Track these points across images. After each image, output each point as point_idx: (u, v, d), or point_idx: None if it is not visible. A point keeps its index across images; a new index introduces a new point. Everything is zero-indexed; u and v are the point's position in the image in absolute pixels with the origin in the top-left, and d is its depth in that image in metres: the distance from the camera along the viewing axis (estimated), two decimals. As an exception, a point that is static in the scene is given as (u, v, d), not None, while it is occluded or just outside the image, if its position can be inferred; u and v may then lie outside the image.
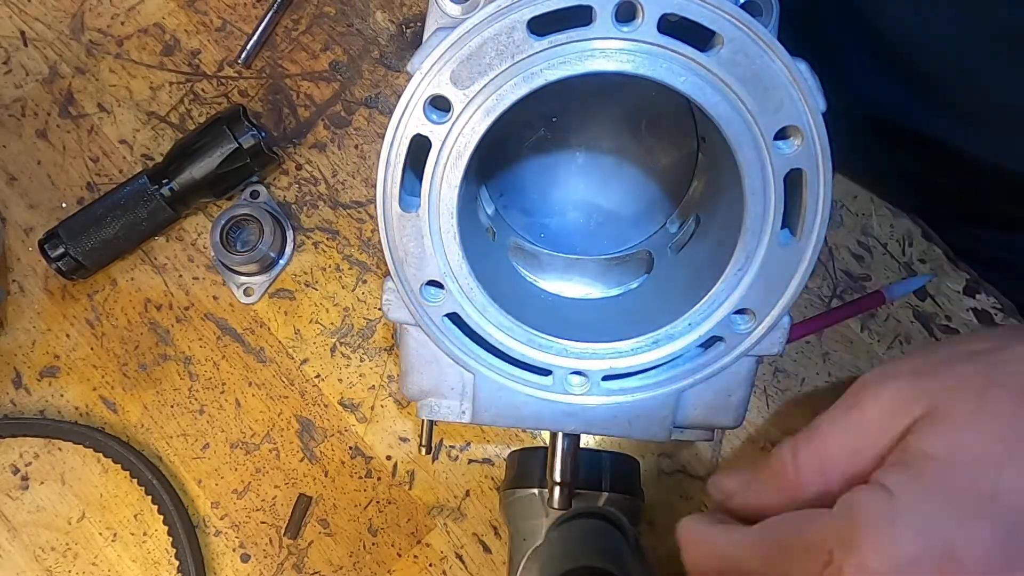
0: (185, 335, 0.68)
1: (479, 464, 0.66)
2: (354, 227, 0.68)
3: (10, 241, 0.69)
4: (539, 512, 0.54)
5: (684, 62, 0.39)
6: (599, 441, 0.64)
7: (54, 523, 0.66)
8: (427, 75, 0.40)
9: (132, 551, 0.66)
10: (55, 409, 0.67)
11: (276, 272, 0.68)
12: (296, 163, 0.69)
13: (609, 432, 0.47)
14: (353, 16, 0.70)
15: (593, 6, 0.38)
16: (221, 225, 0.66)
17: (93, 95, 0.70)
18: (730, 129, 0.40)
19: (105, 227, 0.65)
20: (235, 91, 0.70)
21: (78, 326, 0.68)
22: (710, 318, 0.43)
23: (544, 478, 0.53)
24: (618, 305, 0.53)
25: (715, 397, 0.47)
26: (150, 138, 0.70)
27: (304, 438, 0.66)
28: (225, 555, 0.66)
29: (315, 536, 0.65)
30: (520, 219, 0.56)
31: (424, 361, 0.47)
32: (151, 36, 0.71)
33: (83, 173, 0.70)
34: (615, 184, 0.55)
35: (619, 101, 0.53)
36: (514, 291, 0.52)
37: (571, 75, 0.39)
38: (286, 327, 0.68)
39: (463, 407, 0.48)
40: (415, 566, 0.65)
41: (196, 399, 0.67)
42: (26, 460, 0.67)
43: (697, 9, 0.38)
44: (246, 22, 0.71)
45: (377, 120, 0.69)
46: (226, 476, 0.66)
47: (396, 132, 0.41)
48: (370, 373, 0.67)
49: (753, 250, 0.42)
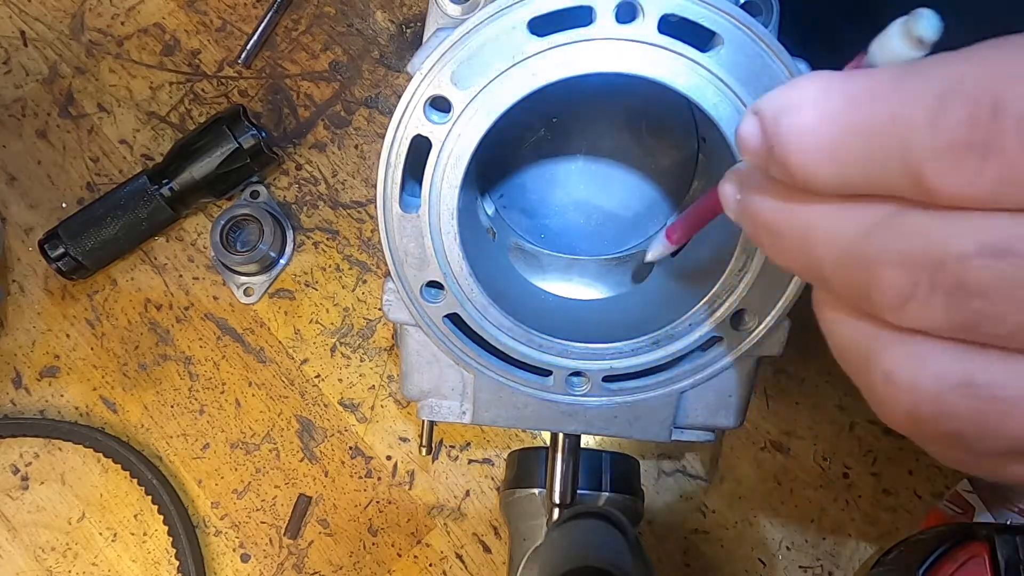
0: (185, 335, 0.68)
1: (479, 464, 0.66)
2: (354, 227, 0.68)
3: (10, 241, 0.69)
4: (539, 512, 0.54)
5: (684, 62, 0.39)
6: (599, 441, 0.64)
7: (54, 523, 0.66)
8: (427, 75, 0.40)
9: (132, 551, 0.66)
10: (55, 409, 0.67)
11: (276, 272, 0.68)
12: (296, 163, 0.69)
13: (609, 432, 0.47)
14: (353, 16, 0.70)
15: (593, 6, 0.38)
16: (221, 225, 0.66)
17: (93, 95, 0.70)
18: (730, 129, 0.40)
19: (105, 227, 0.65)
20: (235, 91, 0.70)
21: (78, 326, 0.68)
22: (710, 318, 0.43)
23: (544, 478, 0.53)
24: (618, 305, 0.53)
25: (715, 397, 0.47)
26: (150, 138, 0.70)
27: (304, 438, 0.66)
28: (225, 555, 0.66)
29: (315, 536, 0.65)
30: (520, 220, 0.56)
31: (424, 362, 0.47)
32: (151, 36, 0.71)
33: (83, 173, 0.70)
34: (615, 185, 0.55)
35: (619, 102, 0.53)
36: (514, 292, 0.52)
37: (571, 75, 0.39)
38: (286, 327, 0.68)
39: (463, 407, 0.48)
40: (415, 566, 0.65)
41: (196, 399, 0.67)
42: (26, 460, 0.67)
43: (697, 9, 0.38)
44: (246, 22, 0.71)
45: (377, 120, 0.69)
46: (226, 476, 0.66)
47: (396, 132, 0.41)
48: (370, 373, 0.67)
49: (753, 250, 0.42)
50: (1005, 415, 0.22)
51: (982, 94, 0.20)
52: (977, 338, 0.22)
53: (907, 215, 0.22)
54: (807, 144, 0.23)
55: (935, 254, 0.21)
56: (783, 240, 0.25)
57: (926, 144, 0.21)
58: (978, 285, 0.21)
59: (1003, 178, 0.20)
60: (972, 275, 0.21)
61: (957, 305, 0.21)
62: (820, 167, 0.23)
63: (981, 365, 0.22)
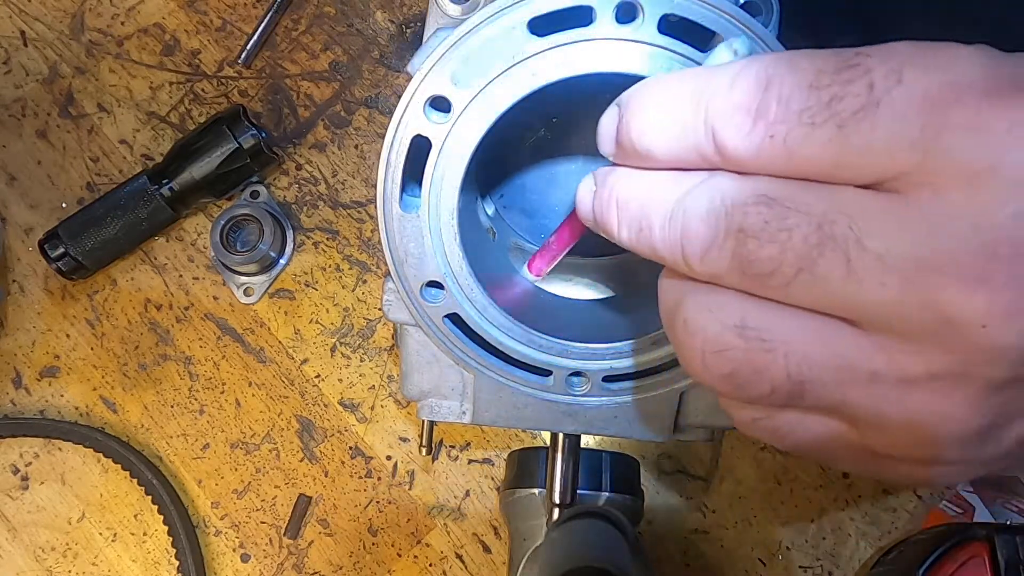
0: (185, 335, 0.68)
1: (479, 464, 0.66)
2: (354, 227, 0.68)
3: (10, 241, 0.69)
4: (539, 512, 0.54)
5: (684, 62, 0.39)
6: (599, 441, 0.64)
7: (54, 523, 0.66)
8: (427, 75, 0.40)
9: (132, 551, 0.66)
10: (55, 409, 0.67)
11: (276, 272, 0.68)
12: (296, 163, 0.69)
13: (609, 432, 0.47)
14: (353, 16, 0.70)
15: (593, 6, 0.38)
16: (221, 225, 0.66)
17: (93, 95, 0.70)
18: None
19: (105, 227, 0.65)
20: (235, 91, 0.70)
21: (78, 326, 0.68)
22: (710, 318, 0.43)
23: (544, 478, 0.53)
24: (618, 306, 0.53)
25: (715, 397, 0.47)
26: (150, 138, 0.70)
27: (304, 438, 0.66)
28: (225, 555, 0.66)
29: (315, 536, 0.65)
30: (520, 220, 0.56)
31: (424, 362, 0.47)
32: (151, 36, 0.71)
33: (83, 173, 0.70)
34: (615, 184, 0.55)
35: (619, 101, 0.53)
36: (514, 292, 0.52)
37: (571, 75, 0.39)
38: (286, 327, 0.68)
39: (463, 407, 0.48)
40: (415, 566, 0.65)
41: (196, 399, 0.67)
42: (26, 460, 0.67)
43: (697, 9, 0.38)
44: (246, 22, 0.71)
45: (377, 120, 0.69)
46: (226, 476, 0.66)
47: (396, 132, 0.41)
48: (370, 373, 0.67)
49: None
50: (768, 357, 0.28)
51: (761, 74, 0.27)
52: (755, 288, 0.28)
53: (714, 177, 0.29)
54: (646, 115, 0.30)
55: (727, 205, 0.28)
56: (628, 210, 0.31)
57: (720, 108, 0.28)
58: (752, 227, 0.27)
59: (766, 135, 0.27)
60: (749, 220, 0.27)
61: (739, 247, 0.27)
62: (655, 133, 0.30)
63: (754, 311, 0.28)
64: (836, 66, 0.26)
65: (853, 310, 0.27)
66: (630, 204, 0.31)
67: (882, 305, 0.26)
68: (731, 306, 0.28)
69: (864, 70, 0.26)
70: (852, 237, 0.25)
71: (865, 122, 0.25)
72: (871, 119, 0.25)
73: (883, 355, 0.27)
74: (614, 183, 0.32)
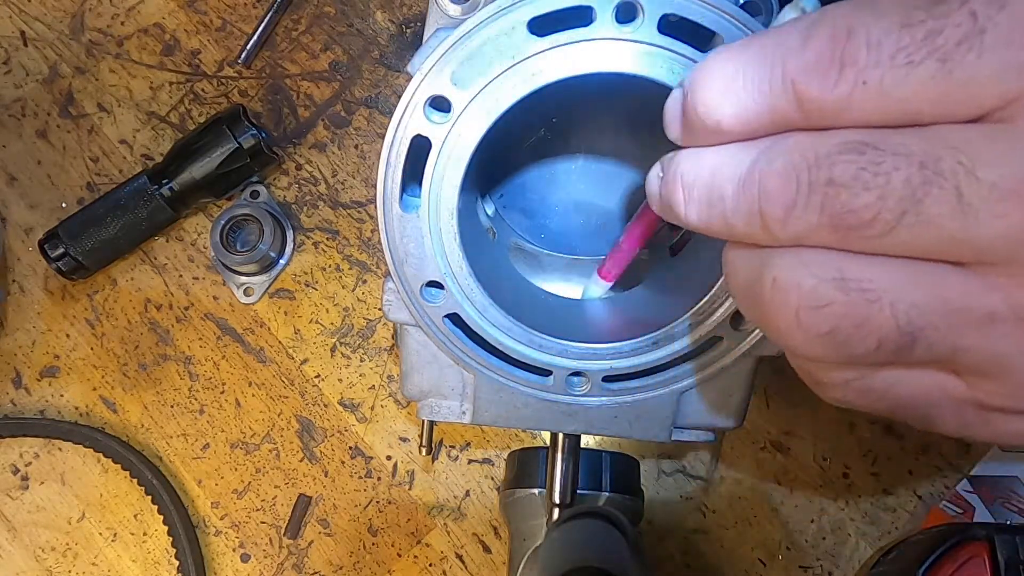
0: (185, 335, 0.68)
1: (479, 464, 0.66)
2: (354, 227, 0.68)
3: (10, 241, 0.69)
4: (539, 512, 0.54)
5: (684, 62, 0.39)
6: (599, 441, 0.64)
7: (54, 523, 0.66)
8: (427, 75, 0.40)
9: (132, 551, 0.66)
10: (55, 409, 0.67)
11: (276, 272, 0.68)
12: (296, 163, 0.69)
13: (609, 432, 0.47)
14: (353, 16, 0.70)
15: (593, 6, 0.38)
16: (221, 225, 0.66)
17: (93, 95, 0.70)
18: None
19: (105, 227, 0.65)
20: (235, 91, 0.70)
21: (78, 326, 0.68)
22: (710, 318, 0.43)
23: (544, 478, 0.53)
24: (618, 305, 0.53)
25: (716, 397, 0.47)
26: (150, 138, 0.70)
27: (304, 438, 0.66)
28: (225, 555, 0.66)
29: (315, 536, 0.65)
30: (520, 220, 0.56)
31: (424, 362, 0.47)
32: (151, 36, 0.71)
33: (83, 173, 0.70)
34: (615, 185, 0.55)
35: (619, 102, 0.53)
36: (514, 292, 0.52)
37: (571, 75, 0.39)
38: (286, 327, 0.68)
39: (463, 407, 0.48)
40: (415, 566, 0.65)
41: (196, 399, 0.67)
42: (26, 460, 0.67)
43: (697, 9, 0.38)
44: (246, 22, 0.71)
45: (377, 120, 0.69)
46: (226, 476, 0.66)
47: (396, 132, 0.41)
48: (370, 373, 0.67)
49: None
50: (872, 306, 0.26)
51: (839, 23, 0.25)
52: (849, 242, 0.26)
53: (789, 135, 0.27)
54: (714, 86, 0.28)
55: (809, 159, 0.26)
56: (696, 186, 0.29)
57: (798, 63, 0.26)
58: (843, 177, 0.25)
59: (857, 82, 0.25)
60: (838, 169, 0.25)
61: (829, 200, 0.25)
62: (724, 103, 0.28)
63: (851, 263, 0.26)
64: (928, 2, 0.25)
65: (965, 248, 0.25)
66: (698, 180, 0.29)
67: (999, 238, 0.24)
68: (825, 260, 0.26)
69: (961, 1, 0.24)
70: (962, 170, 0.24)
71: (972, 52, 0.24)
72: (977, 48, 0.24)
73: (999, 293, 0.25)
74: (680, 162, 0.30)
